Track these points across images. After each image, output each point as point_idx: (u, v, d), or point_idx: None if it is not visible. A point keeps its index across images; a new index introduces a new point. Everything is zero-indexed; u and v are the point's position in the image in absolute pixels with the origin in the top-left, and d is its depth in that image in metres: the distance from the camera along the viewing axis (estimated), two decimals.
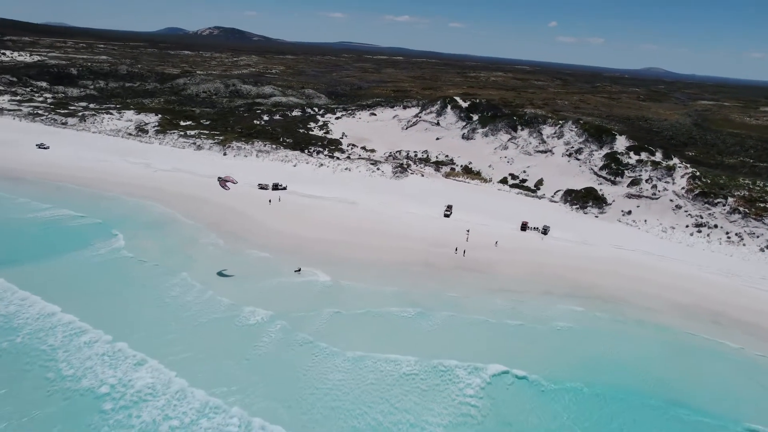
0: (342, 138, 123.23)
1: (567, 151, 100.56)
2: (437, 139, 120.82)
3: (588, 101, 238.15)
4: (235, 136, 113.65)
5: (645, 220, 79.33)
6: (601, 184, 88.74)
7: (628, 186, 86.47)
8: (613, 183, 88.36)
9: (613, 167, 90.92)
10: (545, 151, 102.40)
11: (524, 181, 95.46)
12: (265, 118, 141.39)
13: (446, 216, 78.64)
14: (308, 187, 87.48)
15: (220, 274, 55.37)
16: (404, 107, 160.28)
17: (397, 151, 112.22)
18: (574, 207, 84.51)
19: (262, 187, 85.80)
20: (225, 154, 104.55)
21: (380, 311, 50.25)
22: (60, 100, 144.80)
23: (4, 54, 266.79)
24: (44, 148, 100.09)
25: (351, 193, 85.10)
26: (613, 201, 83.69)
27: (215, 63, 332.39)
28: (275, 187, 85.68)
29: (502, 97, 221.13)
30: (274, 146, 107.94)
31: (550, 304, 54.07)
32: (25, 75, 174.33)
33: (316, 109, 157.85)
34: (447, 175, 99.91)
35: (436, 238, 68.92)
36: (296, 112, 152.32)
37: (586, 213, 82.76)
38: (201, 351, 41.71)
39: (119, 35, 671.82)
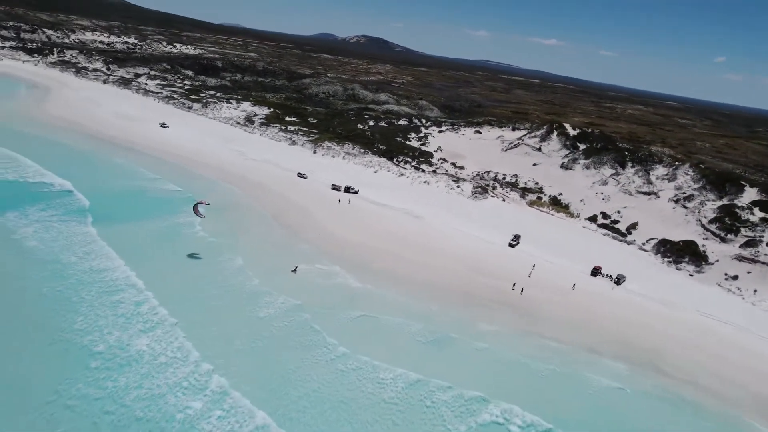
0: (436, 151, 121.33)
1: (675, 196, 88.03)
2: (534, 165, 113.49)
3: (737, 146, 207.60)
4: (330, 136, 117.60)
5: (755, 291, 66.27)
6: (706, 239, 76.10)
7: (741, 246, 73.10)
8: (722, 240, 75.26)
9: (727, 222, 77.51)
10: (649, 193, 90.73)
11: (616, 222, 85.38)
12: (371, 123, 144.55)
13: (511, 246, 73.09)
14: (380, 194, 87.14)
15: (256, 260, 57.02)
16: (513, 129, 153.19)
17: (485, 172, 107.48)
18: (666, 259, 73.46)
19: (335, 187, 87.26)
20: (315, 152, 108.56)
21: (394, 324, 48.04)
22: (195, 87, 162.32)
23: (174, 46, 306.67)
24: (165, 127, 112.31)
25: (420, 207, 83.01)
26: (717, 261, 71.18)
27: (349, 68, 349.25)
28: (347, 189, 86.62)
29: (631, 131, 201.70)
30: (362, 150, 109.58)
31: (590, 362, 47.20)
32: (178, 64, 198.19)
33: (424, 121, 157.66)
34: (531, 204, 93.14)
35: (489, 267, 64.22)
36: (403, 122, 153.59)
37: (678, 269, 71.47)
38: (221, 323, 43.28)
39: (276, 36, 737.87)
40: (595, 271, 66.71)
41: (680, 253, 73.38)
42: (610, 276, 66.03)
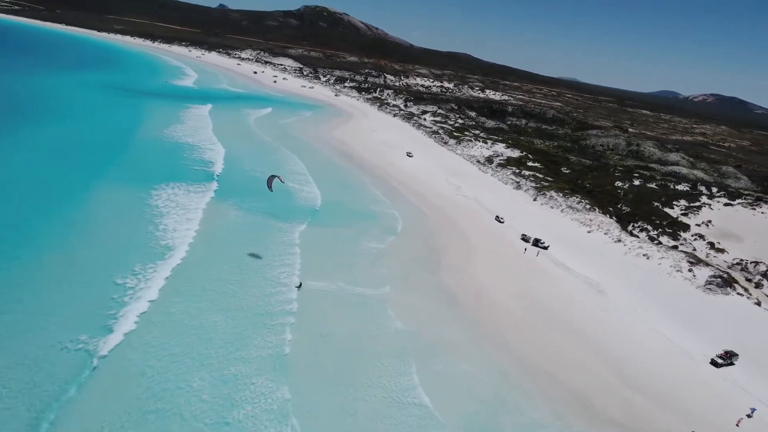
0: (698, 225, 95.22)
1: None
2: None
3: None
4: (562, 186, 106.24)
5: None
6: None
7: None
8: None
9: None
10: None
11: None
12: (635, 183, 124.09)
13: (714, 364, 51.36)
14: (572, 256, 74.24)
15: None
16: None
17: (755, 263, 78.30)
18: None
19: (525, 238, 78.68)
20: (534, 200, 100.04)
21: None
22: (464, 126, 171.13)
23: (483, 92, 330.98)
24: (410, 156, 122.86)
25: (612, 282, 66.89)
26: None
27: (663, 125, 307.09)
28: (536, 242, 76.97)
29: None
30: (589, 207, 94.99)
31: None
32: (466, 106, 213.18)
33: (714, 190, 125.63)
34: None
35: (667, 391, 47.02)
36: (682, 187, 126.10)
37: None
38: None
39: (608, 91, 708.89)
40: None
41: None
42: None
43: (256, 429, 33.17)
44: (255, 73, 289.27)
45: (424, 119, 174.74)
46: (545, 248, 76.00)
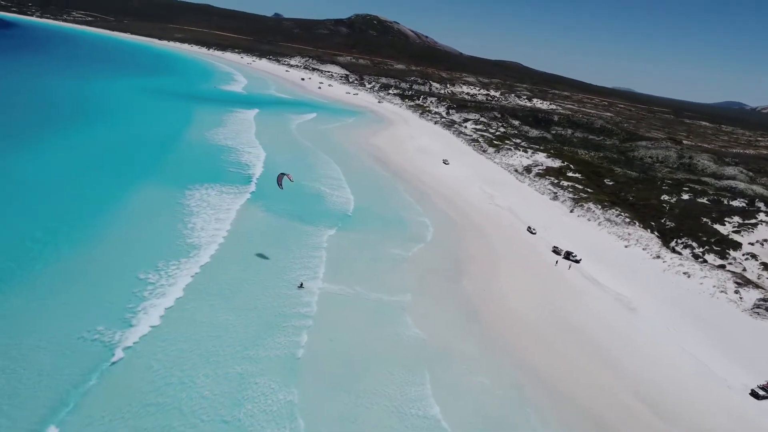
0: (753, 244, 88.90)
1: None
2: None
3: None
4: (601, 198, 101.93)
5: None
6: None
7: None
8: None
9: None
10: None
11: None
12: (684, 197, 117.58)
13: (755, 395, 47.48)
14: (605, 270, 70.96)
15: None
16: None
17: None
18: None
19: (556, 250, 75.89)
20: (571, 211, 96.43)
21: None
22: (506, 135, 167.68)
23: (530, 101, 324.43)
24: (446, 163, 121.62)
25: (646, 301, 63.32)
26: None
27: (725, 137, 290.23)
28: (567, 255, 74.09)
29: None
30: (629, 221, 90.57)
31: None
32: (510, 114, 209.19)
33: None
34: None
35: (697, 420, 44.02)
36: (737, 203, 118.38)
37: None
38: None
39: (666, 102, 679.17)
40: None
41: None
42: None
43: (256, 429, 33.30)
44: (302, 80, 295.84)
45: (465, 127, 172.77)
46: (577, 262, 73.06)
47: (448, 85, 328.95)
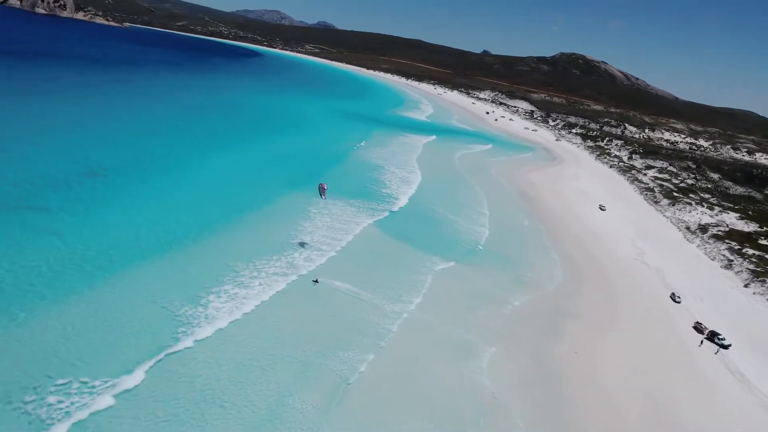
0: None
1: None
2: None
3: None
4: None
5: None
6: None
7: None
8: None
9: None
10: None
11: None
12: None
13: None
14: (765, 366, 56.65)
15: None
16: None
17: None
18: None
19: (698, 327, 62.96)
20: (746, 285, 78.46)
21: None
22: (693, 187, 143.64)
23: (751, 154, 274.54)
24: (602, 209, 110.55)
25: None
26: None
27: None
28: (711, 337, 60.78)
29: None
30: None
31: None
32: (707, 165, 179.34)
33: None
34: None
35: None
36: None
37: None
38: None
39: None
40: None
41: None
42: None
43: None
44: (487, 113, 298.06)
45: (645, 174, 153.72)
46: (724, 347, 59.59)
47: (646, 130, 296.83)
